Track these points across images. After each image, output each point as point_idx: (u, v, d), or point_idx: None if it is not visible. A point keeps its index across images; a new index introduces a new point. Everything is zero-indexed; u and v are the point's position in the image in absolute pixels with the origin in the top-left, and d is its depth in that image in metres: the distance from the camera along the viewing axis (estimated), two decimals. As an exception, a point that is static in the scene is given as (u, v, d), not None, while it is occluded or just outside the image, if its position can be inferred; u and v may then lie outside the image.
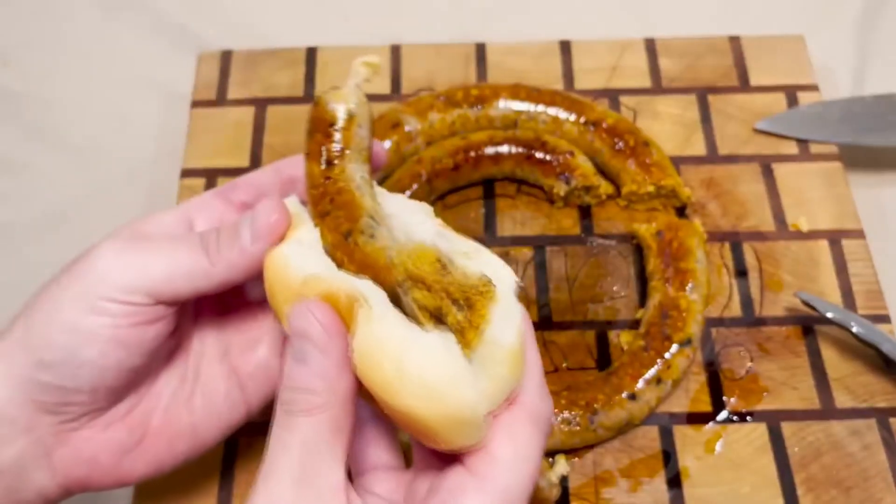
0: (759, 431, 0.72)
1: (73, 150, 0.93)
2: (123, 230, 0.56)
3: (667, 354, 0.73)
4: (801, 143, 0.88)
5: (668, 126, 0.90)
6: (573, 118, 0.86)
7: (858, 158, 0.90)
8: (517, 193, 0.86)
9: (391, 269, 0.48)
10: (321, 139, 0.54)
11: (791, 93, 0.91)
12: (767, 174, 0.86)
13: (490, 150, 0.84)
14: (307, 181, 0.55)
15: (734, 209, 0.84)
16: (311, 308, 0.48)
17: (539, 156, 0.84)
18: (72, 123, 0.95)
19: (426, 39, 0.97)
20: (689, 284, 0.76)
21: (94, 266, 0.53)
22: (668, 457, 0.71)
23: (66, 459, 0.55)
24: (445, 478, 0.47)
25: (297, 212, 0.55)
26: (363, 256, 0.50)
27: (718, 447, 0.72)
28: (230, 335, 0.61)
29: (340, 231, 0.52)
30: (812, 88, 0.92)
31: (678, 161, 0.87)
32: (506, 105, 0.87)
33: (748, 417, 0.73)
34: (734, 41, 0.95)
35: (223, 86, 0.93)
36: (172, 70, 0.97)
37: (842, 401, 0.74)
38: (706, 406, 0.74)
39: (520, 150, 0.84)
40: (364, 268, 0.50)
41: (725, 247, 0.82)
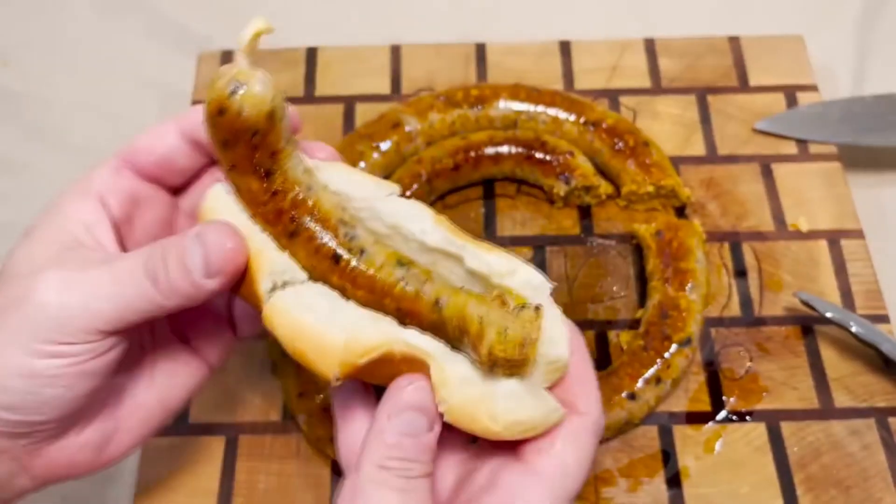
0: (759, 431, 0.72)
1: (73, 150, 0.93)
2: (51, 245, 0.53)
3: (666, 354, 0.73)
4: (801, 144, 0.88)
5: (668, 126, 0.90)
6: (573, 118, 0.86)
7: (858, 158, 0.90)
8: (517, 193, 0.86)
9: (431, 309, 0.49)
10: (247, 151, 0.50)
11: (790, 93, 0.92)
12: (767, 174, 0.86)
13: (490, 151, 0.84)
14: (244, 198, 0.51)
15: (734, 209, 0.84)
16: (417, 383, 0.49)
17: (539, 156, 0.84)
18: (72, 123, 0.95)
19: (426, 39, 0.97)
20: (689, 284, 0.76)
21: (40, 306, 0.50)
22: (668, 456, 0.72)
23: (44, 468, 0.55)
24: (507, 472, 0.50)
25: (227, 204, 0.52)
26: (370, 282, 0.50)
27: (718, 447, 0.72)
28: (179, 315, 0.59)
29: (325, 254, 0.50)
30: (811, 89, 0.92)
31: (678, 161, 0.87)
32: (506, 105, 0.87)
33: (748, 417, 0.73)
34: (734, 41, 0.95)
35: (223, 86, 0.93)
36: (172, 70, 0.97)
37: (841, 401, 0.74)
38: (706, 406, 0.74)
39: (520, 150, 0.84)
40: (376, 293, 0.50)
41: (725, 247, 0.82)
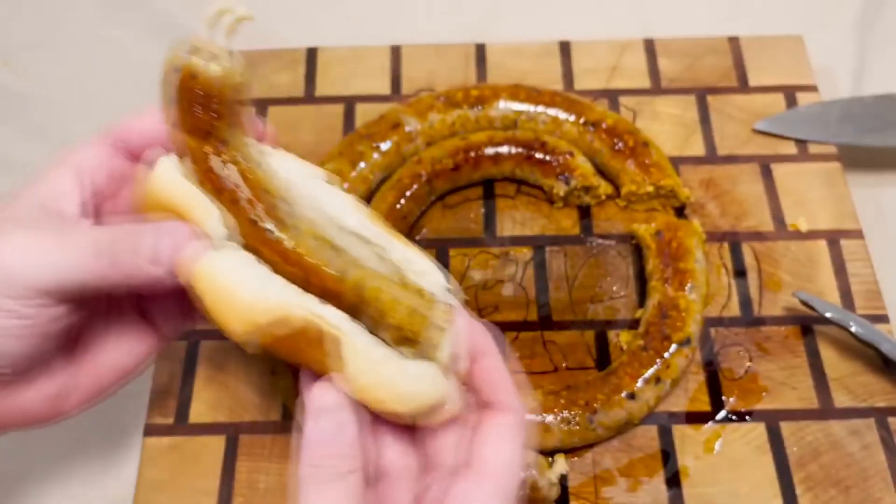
0: (758, 431, 0.73)
1: (74, 150, 0.93)
2: (20, 208, 0.56)
3: (666, 354, 0.73)
4: (800, 144, 0.88)
5: (668, 126, 0.90)
6: (573, 118, 0.86)
7: (857, 159, 0.90)
8: (517, 194, 0.86)
9: (353, 292, 0.52)
10: (208, 118, 0.53)
11: (790, 93, 0.92)
12: (766, 174, 0.86)
13: (490, 151, 0.84)
14: (195, 163, 0.54)
15: (733, 209, 0.84)
16: (327, 388, 0.52)
17: (539, 156, 0.84)
18: (72, 123, 0.95)
19: (426, 40, 0.97)
20: (689, 284, 0.76)
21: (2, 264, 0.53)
22: (668, 456, 0.72)
23: (1, 414, 0.57)
24: (457, 479, 0.52)
25: (175, 173, 0.54)
26: (298, 259, 0.52)
27: (717, 447, 0.72)
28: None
29: (261, 228, 0.52)
30: (811, 89, 0.92)
31: (677, 161, 0.87)
32: (506, 105, 0.87)
33: (747, 417, 0.73)
34: (733, 42, 0.96)
35: (223, 86, 0.93)
36: (173, 70, 0.97)
37: (841, 400, 0.74)
38: (705, 406, 0.74)
39: (519, 151, 0.84)
40: (305, 271, 0.52)
41: (724, 247, 0.82)
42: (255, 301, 0.51)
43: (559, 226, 0.84)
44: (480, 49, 0.96)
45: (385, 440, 0.55)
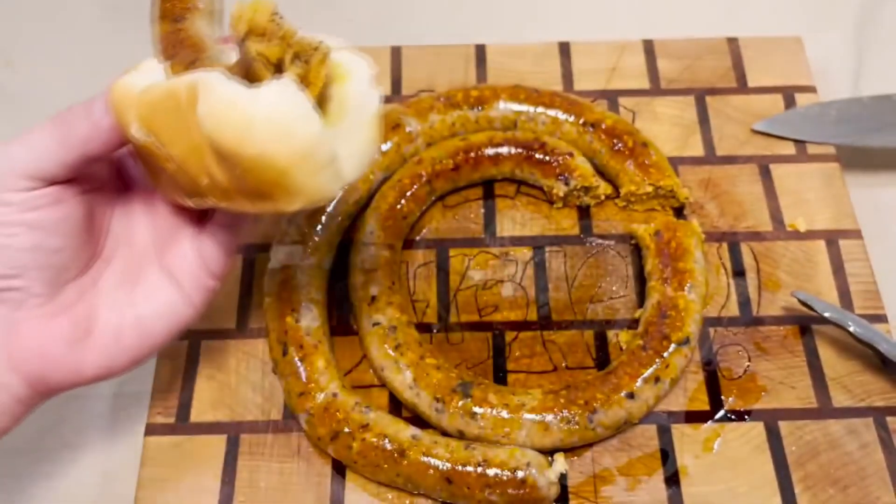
0: (757, 430, 0.73)
1: (74, 150, 0.93)
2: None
3: (665, 354, 0.73)
4: (799, 144, 0.89)
5: (667, 127, 0.90)
6: (572, 119, 0.87)
7: (856, 159, 0.90)
8: (517, 194, 0.87)
9: (235, 25, 0.52)
10: (180, 3, 0.57)
11: (789, 94, 0.92)
12: (765, 175, 0.87)
13: (490, 151, 0.84)
14: (156, 40, 0.57)
15: (732, 209, 0.85)
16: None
17: (538, 157, 0.84)
18: (73, 123, 0.95)
19: (426, 41, 0.97)
20: (688, 284, 0.77)
21: None
22: (667, 455, 0.72)
23: (19, 351, 0.59)
24: None
25: (154, 67, 0.57)
26: (198, 40, 0.55)
27: (716, 446, 0.72)
28: (159, 233, 0.64)
29: (187, 60, 0.54)
30: (810, 90, 0.92)
31: (676, 162, 0.87)
32: (505, 106, 0.87)
33: (746, 416, 0.74)
34: (732, 42, 0.96)
35: (224, 86, 0.93)
36: (173, 70, 0.97)
37: (839, 400, 0.74)
38: (704, 405, 0.74)
39: (519, 151, 0.84)
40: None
41: (723, 247, 0.83)
42: (152, 85, 0.54)
43: (559, 226, 0.84)
44: (480, 50, 0.96)
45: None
